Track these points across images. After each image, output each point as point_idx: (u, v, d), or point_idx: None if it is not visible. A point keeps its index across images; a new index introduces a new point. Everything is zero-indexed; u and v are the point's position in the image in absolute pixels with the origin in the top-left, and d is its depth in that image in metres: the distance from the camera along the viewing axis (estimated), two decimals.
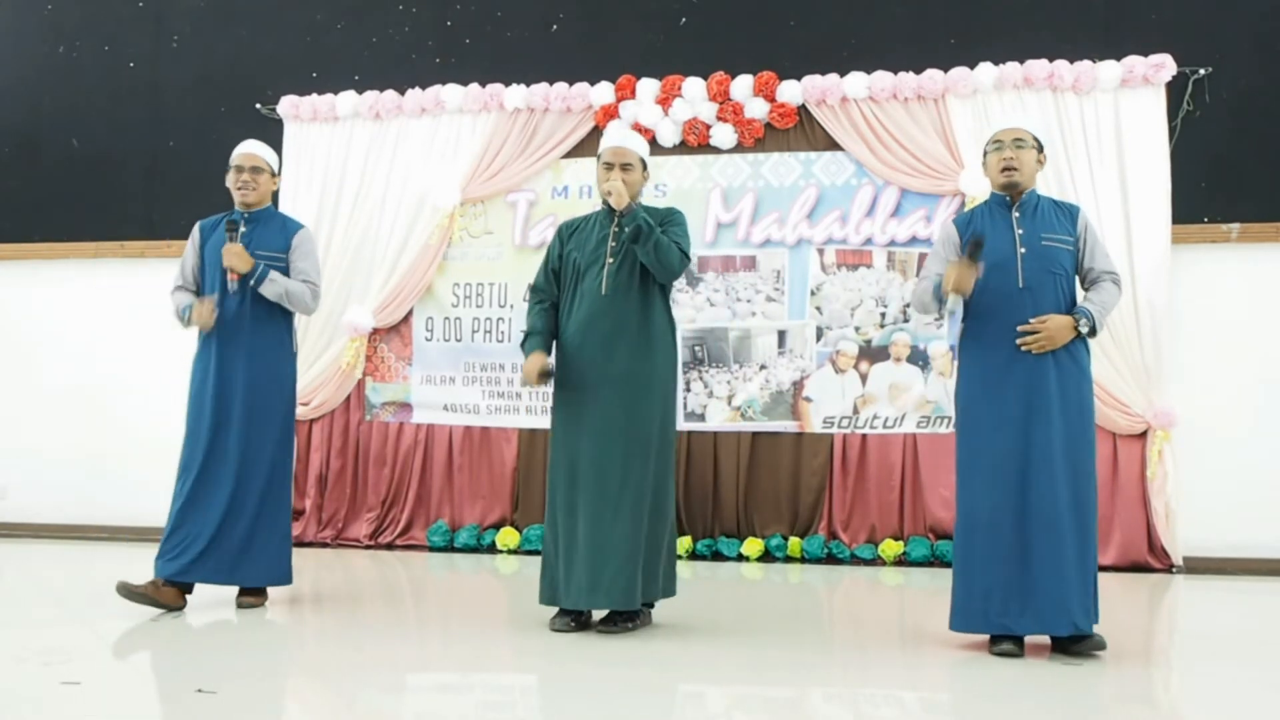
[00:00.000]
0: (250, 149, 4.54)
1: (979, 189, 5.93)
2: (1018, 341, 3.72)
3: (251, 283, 4.34)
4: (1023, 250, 3.76)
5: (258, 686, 3.41)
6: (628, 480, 3.95)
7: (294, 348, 4.54)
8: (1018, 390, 3.71)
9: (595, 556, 3.91)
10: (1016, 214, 3.83)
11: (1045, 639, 3.75)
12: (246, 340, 4.37)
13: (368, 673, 3.50)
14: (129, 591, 4.17)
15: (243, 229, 4.38)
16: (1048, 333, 3.70)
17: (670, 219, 4.16)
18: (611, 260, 4.08)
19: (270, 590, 4.59)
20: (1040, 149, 3.88)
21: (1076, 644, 3.66)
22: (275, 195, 4.71)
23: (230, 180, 4.51)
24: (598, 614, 4.08)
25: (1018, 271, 3.75)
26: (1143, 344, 5.91)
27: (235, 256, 4.31)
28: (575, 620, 4.01)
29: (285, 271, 4.46)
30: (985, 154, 3.92)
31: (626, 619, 4.00)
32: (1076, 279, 3.88)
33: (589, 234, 4.17)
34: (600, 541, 3.91)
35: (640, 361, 4.03)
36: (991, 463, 3.72)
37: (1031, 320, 3.71)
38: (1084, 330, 3.73)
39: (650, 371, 4.05)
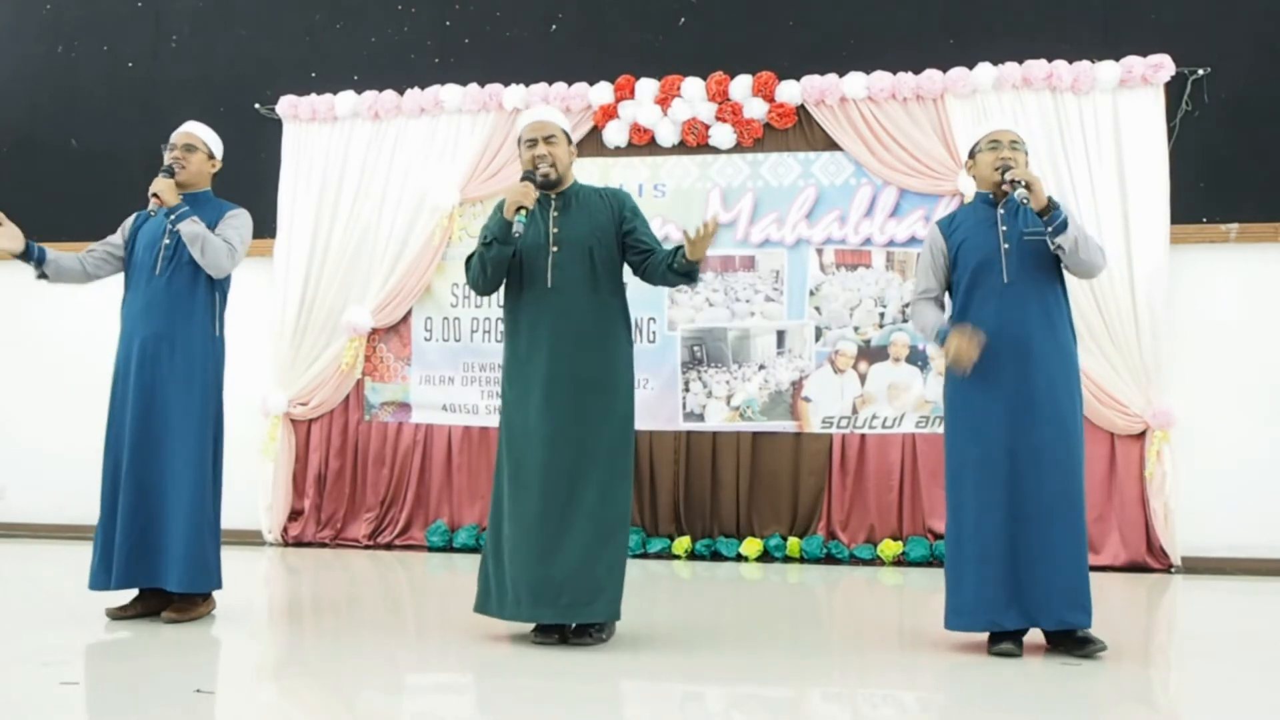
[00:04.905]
0: (186, 127, 4.40)
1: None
2: (1003, 175, 3.75)
3: (172, 217, 4.16)
4: (1006, 246, 3.79)
5: (256, 687, 3.41)
6: (593, 491, 3.71)
7: (218, 331, 4.28)
8: (1005, 386, 3.72)
9: (550, 568, 3.68)
10: (1000, 211, 3.86)
11: (1044, 639, 3.76)
12: (167, 322, 4.18)
13: (367, 673, 3.50)
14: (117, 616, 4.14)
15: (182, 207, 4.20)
16: (1026, 171, 3.75)
17: (635, 210, 3.94)
18: (556, 249, 3.83)
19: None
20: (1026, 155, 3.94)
21: (1077, 646, 3.67)
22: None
23: (165, 160, 4.34)
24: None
25: (1002, 269, 3.78)
26: (1141, 344, 5.91)
27: (166, 188, 4.17)
28: (559, 634, 3.77)
29: None
30: (976, 152, 3.92)
31: (598, 629, 3.78)
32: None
33: (532, 219, 3.88)
34: (559, 554, 3.68)
35: (595, 361, 3.77)
36: (980, 460, 3.73)
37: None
38: (1054, 200, 3.70)
39: (606, 372, 3.78)
